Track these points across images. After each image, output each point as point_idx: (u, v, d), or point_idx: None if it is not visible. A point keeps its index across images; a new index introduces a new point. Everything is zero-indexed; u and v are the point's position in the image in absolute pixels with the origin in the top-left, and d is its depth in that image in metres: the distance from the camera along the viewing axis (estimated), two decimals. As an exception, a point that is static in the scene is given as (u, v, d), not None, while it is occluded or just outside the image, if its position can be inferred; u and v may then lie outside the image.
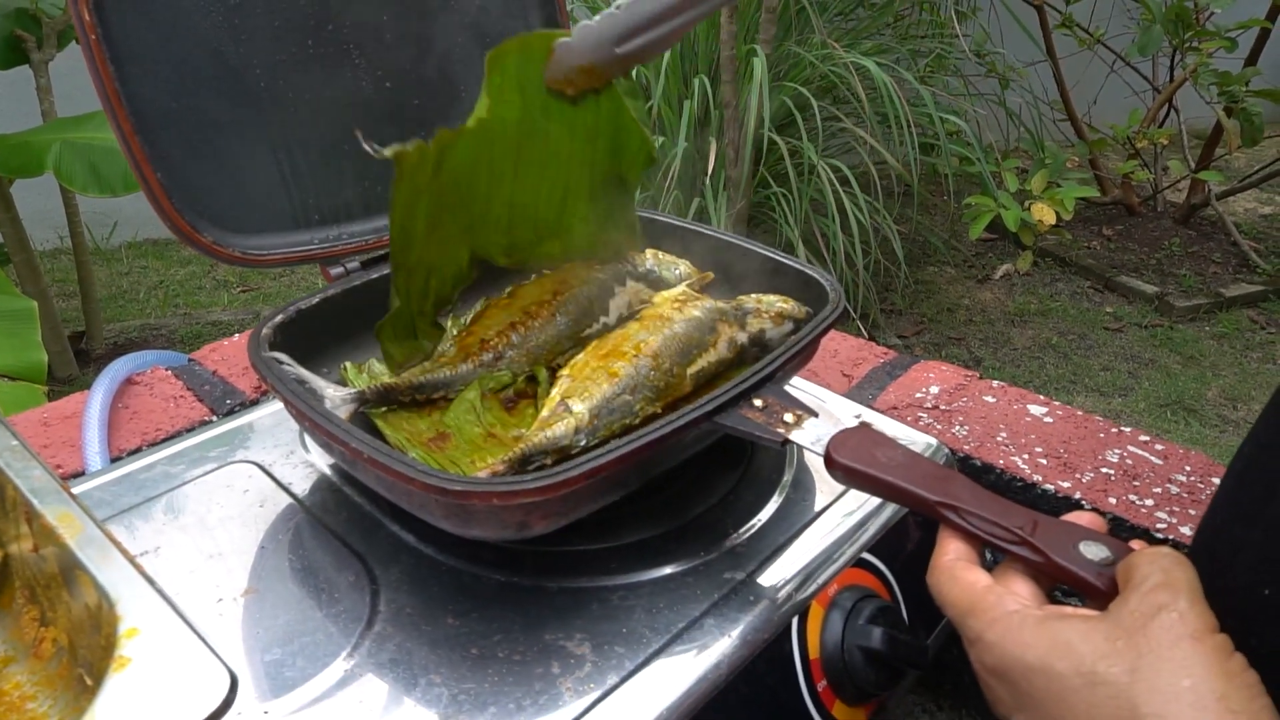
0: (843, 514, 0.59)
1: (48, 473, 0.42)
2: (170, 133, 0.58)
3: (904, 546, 0.61)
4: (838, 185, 2.23)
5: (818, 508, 0.60)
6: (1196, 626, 0.32)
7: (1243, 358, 2.50)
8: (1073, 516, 0.42)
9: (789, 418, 0.51)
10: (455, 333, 0.66)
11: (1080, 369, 2.44)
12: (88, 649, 0.38)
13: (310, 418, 0.50)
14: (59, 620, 0.41)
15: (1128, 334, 2.62)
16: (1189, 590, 0.33)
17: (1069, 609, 0.37)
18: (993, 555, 0.42)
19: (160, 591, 0.36)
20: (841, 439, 0.48)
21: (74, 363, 2.14)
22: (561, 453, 0.52)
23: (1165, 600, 0.33)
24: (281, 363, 0.54)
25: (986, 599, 0.38)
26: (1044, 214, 2.46)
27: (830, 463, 0.47)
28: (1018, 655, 0.35)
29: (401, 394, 0.58)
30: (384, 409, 0.59)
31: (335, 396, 0.54)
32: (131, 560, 0.38)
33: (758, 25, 2.12)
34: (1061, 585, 0.41)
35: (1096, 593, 0.39)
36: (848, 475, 0.47)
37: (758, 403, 0.52)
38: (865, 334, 2.44)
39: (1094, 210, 3.30)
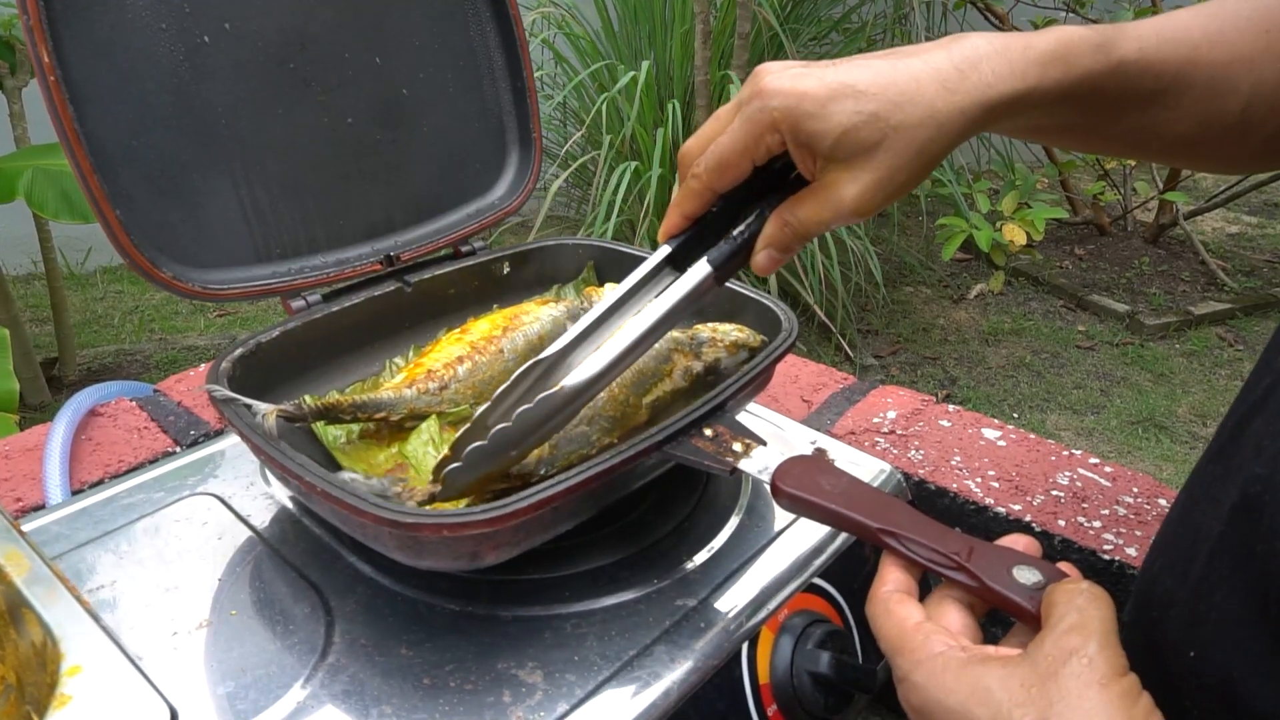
0: (796, 539, 0.60)
1: (-2, 510, 0.43)
2: (130, 170, 0.59)
3: (856, 571, 0.62)
4: (811, 208, 2.26)
5: (772, 533, 0.61)
6: (1104, 672, 0.34)
7: (1212, 375, 2.54)
8: (1009, 540, 0.44)
9: (738, 446, 0.52)
10: (409, 358, 0.67)
11: (1053, 387, 2.48)
12: (34, 686, 0.38)
13: (266, 451, 0.50)
14: (6, 658, 0.41)
15: (1099, 352, 2.66)
16: (1100, 632, 0.35)
17: (991, 650, 0.38)
18: (934, 578, 0.44)
19: (105, 628, 0.36)
20: (787, 467, 0.49)
21: (46, 389, 2.13)
22: (523, 480, 0.53)
23: (1076, 645, 0.34)
24: (211, 392, 0.54)
25: (914, 638, 0.39)
26: (1015, 234, 2.50)
27: (776, 491, 0.48)
28: (939, 699, 0.36)
29: (342, 412, 0.58)
30: (344, 441, 0.60)
31: (262, 408, 0.54)
32: (78, 597, 0.38)
33: (732, 51, 2.15)
34: (996, 609, 0.42)
35: (1028, 616, 0.40)
36: (793, 503, 0.48)
37: (708, 432, 0.53)
38: (846, 353, 2.46)
39: (1065, 230, 3.36)
